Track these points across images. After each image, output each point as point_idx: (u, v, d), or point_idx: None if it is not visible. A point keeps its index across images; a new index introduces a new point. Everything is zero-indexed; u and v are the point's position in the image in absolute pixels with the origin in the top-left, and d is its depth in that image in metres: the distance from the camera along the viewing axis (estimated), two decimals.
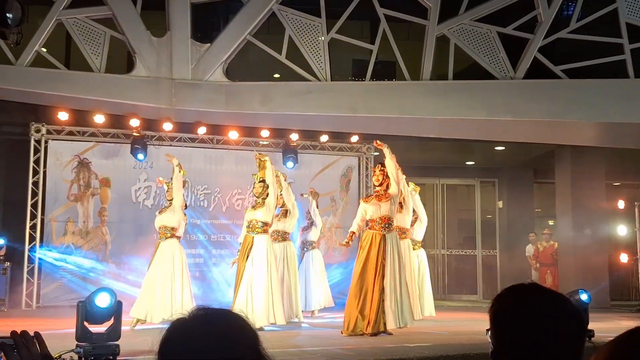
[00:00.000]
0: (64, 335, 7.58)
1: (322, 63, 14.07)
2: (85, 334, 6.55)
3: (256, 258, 11.99)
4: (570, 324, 2.30)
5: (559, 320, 2.29)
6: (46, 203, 16.79)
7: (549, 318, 2.28)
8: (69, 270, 16.74)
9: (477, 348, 8.59)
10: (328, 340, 10.70)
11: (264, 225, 12.22)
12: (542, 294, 2.38)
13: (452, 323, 13.78)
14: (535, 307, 2.30)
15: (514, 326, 2.30)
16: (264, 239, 12.16)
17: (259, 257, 11.99)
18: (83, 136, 17.09)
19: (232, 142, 17.70)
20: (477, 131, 15.69)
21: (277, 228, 13.85)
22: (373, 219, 11.67)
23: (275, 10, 14.08)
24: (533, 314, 2.28)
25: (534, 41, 14.23)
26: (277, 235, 13.89)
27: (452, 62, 14.26)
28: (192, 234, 17.33)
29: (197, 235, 17.54)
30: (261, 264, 11.93)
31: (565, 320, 2.30)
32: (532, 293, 2.39)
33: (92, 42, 13.71)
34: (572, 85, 14.13)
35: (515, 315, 2.32)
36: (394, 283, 11.33)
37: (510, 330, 2.31)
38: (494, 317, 2.38)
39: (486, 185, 23.33)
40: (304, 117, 14.56)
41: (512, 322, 2.31)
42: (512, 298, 2.39)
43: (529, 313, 2.29)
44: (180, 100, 13.73)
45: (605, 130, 15.13)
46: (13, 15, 7.36)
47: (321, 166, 18.70)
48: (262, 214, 12.20)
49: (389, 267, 11.35)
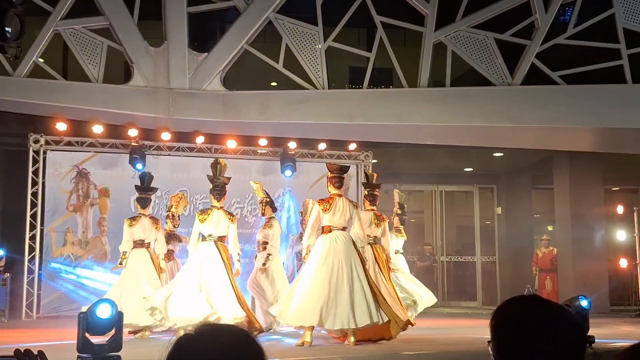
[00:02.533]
0: (66, 347, 7.59)
1: (319, 71, 14.08)
2: (87, 345, 6.54)
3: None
4: (571, 334, 2.33)
5: (559, 330, 2.31)
6: (45, 214, 16.80)
7: (549, 328, 2.30)
8: (69, 281, 16.76)
9: (477, 356, 8.58)
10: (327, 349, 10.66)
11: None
12: (542, 305, 2.41)
13: (452, 330, 13.76)
14: (536, 318, 2.33)
15: (515, 337, 2.32)
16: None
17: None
18: (81, 146, 17.10)
19: (230, 151, 17.71)
20: (475, 138, 15.69)
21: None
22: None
23: (272, 18, 14.09)
24: (533, 325, 2.31)
25: (531, 47, 14.24)
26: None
27: (449, 68, 14.27)
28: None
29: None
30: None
31: (566, 330, 2.32)
32: (532, 304, 2.42)
33: (90, 53, 13.72)
34: (570, 91, 14.14)
35: (516, 327, 2.34)
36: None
37: (511, 341, 2.33)
38: (494, 329, 2.40)
39: (484, 191, 23.31)
40: (301, 126, 14.57)
41: (513, 333, 2.34)
42: (513, 310, 2.42)
43: (530, 324, 2.32)
44: (178, 110, 13.74)
45: (603, 135, 15.14)
46: (12, 29, 7.35)
47: (319, 174, 18.66)
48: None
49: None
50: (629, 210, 19.71)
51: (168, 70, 13.72)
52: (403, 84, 14.12)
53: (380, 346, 10.77)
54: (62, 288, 16.69)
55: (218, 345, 1.92)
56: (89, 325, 6.56)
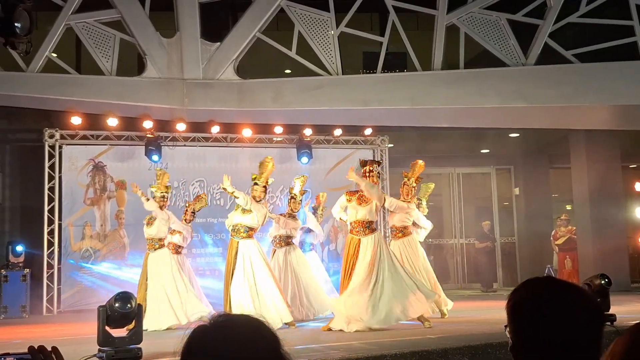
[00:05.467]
0: (86, 340, 7.60)
1: (332, 57, 14.07)
2: (107, 338, 6.57)
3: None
4: (587, 314, 2.31)
5: (575, 310, 2.30)
6: (63, 208, 16.84)
7: (565, 309, 2.29)
8: (89, 275, 16.80)
9: (499, 337, 8.55)
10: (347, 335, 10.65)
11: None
12: (557, 286, 2.40)
13: (473, 312, 13.73)
14: (551, 300, 2.32)
15: (531, 320, 2.32)
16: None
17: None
18: (97, 140, 17.14)
19: (245, 140, 17.72)
20: (490, 119, 15.65)
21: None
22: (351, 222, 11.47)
23: (283, 6, 14.08)
24: (549, 307, 2.30)
25: (544, 27, 14.19)
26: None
27: (462, 50, 14.25)
28: (210, 234, 17.41)
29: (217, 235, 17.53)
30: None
31: (582, 310, 2.31)
32: (547, 286, 2.41)
33: (102, 46, 13.76)
34: (584, 69, 14.08)
35: (532, 309, 2.33)
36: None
37: (528, 324, 2.32)
38: (510, 312, 2.40)
39: (502, 172, 23.24)
40: (316, 112, 14.56)
41: (529, 315, 2.33)
42: (528, 292, 2.41)
43: (545, 306, 2.31)
44: (193, 100, 13.76)
45: (618, 112, 15.06)
46: (22, 24, 7.34)
47: (336, 160, 18.66)
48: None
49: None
50: None
51: (181, 61, 13.74)
52: (417, 68, 14.10)
53: (403, 331, 10.73)
54: (83, 282, 16.74)
55: (233, 336, 1.91)
56: (109, 319, 6.59)
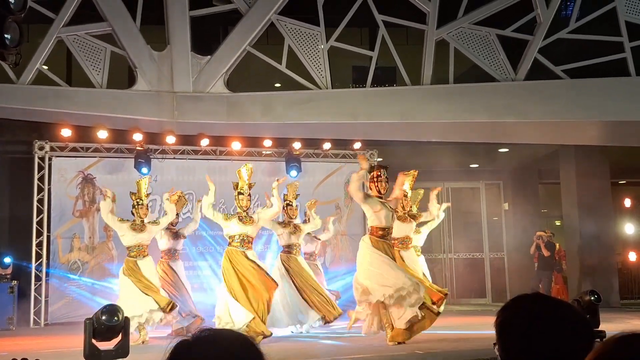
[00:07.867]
0: (73, 354, 7.59)
1: (322, 71, 14.09)
2: (94, 351, 6.55)
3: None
4: (577, 331, 2.29)
5: (564, 328, 2.28)
6: (52, 220, 16.78)
7: (555, 326, 2.28)
8: (77, 287, 16.73)
9: (487, 354, 8.56)
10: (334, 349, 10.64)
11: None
12: (546, 303, 2.38)
13: (462, 328, 13.71)
14: (540, 317, 2.30)
15: (521, 336, 2.30)
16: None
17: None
18: (87, 152, 17.08)
19: (235, 153, 17.69)
20: (480, 134, 15.69)
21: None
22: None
23: (274, 20, 14.11)
24: (538, 324, 2.28)
25: (533, 42, 14.24)
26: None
27: (452, 65, 14.29)
28: (199, 246, 17.37)
29: (204, 247, 17.51)
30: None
31: (571, 327, 2.29)
32: (536, 303, 2.39)
33: (93, 58, 13.76)
34: (574, 85, 14.13)
35: (521, 326, 2.31)
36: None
37: (517, 341, 2.31)
38: (499, 329, 2.38)
39: (491, 187, 23.26)
40: (305, 126, 14.58)
41: (518, 332, 2.31)
42: (517, 309, 2.39)
43: (534, 323, 2.29)
44: (182, 113, 13.76)
45: (608, 128, 15.12)
46: (11, 36, 7.35)
47: (325, 174, 18.65)
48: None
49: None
50: (636, 202, 19.71)
51: (172, 74, 13.75)
52: (406, 82, 14.13)
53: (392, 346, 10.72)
54: (71, 294, 16.67)
55: (217, 351, 1.90)
56: (96, 331, 6.56)
